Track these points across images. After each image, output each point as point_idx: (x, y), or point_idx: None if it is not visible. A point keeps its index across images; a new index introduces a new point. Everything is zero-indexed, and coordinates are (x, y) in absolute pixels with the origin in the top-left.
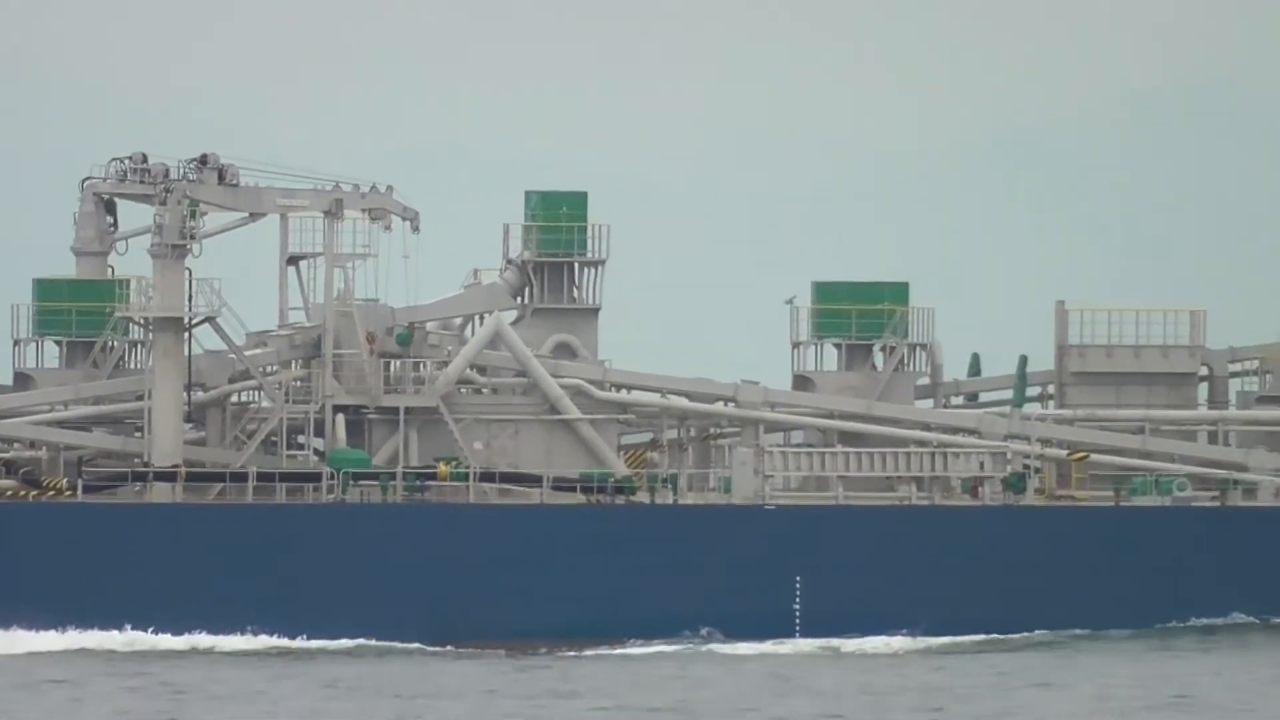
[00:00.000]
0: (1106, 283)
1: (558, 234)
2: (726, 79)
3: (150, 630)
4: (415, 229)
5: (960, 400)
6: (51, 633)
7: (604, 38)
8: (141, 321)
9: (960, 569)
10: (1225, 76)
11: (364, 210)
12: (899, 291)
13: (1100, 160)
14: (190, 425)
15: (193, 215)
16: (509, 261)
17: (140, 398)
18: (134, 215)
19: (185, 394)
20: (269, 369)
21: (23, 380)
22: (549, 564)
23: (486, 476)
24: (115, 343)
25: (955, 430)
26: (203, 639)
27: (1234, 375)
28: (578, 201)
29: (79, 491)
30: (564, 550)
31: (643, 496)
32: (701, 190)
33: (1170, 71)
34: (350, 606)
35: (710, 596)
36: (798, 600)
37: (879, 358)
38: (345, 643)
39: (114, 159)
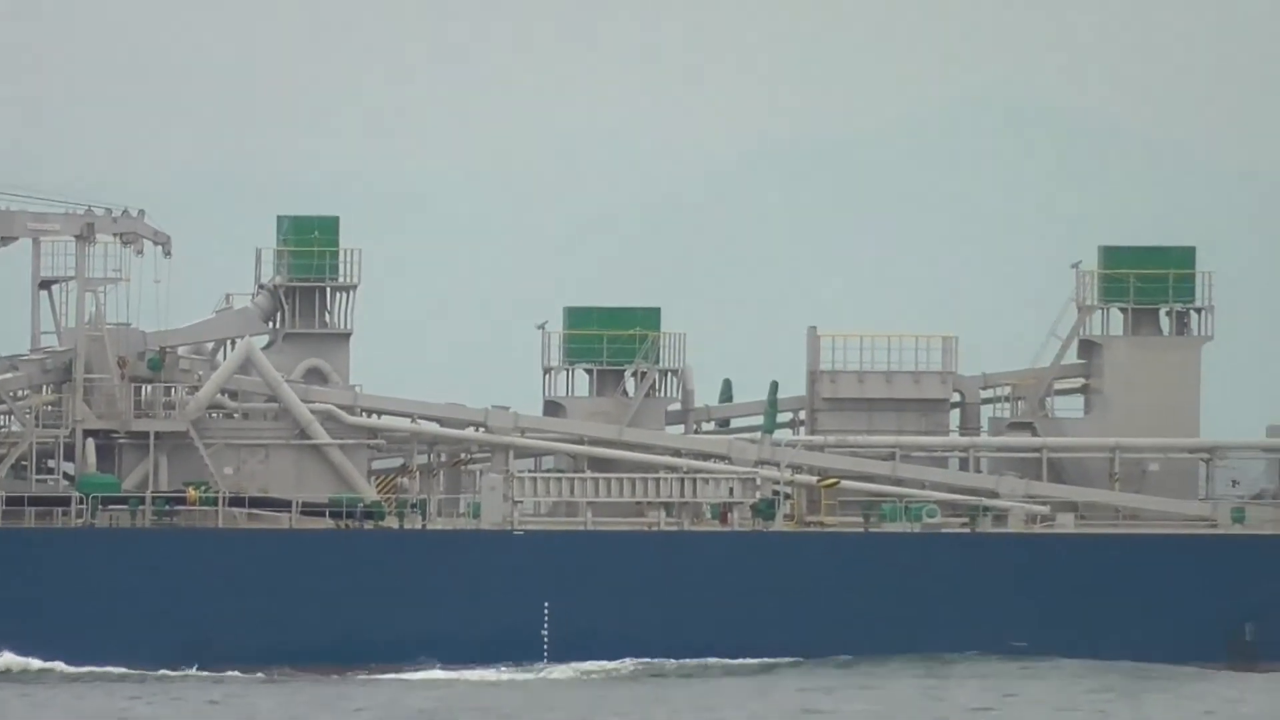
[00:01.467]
0: (858, 309)
1: (309, 259)
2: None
3: None
4: (167, 253)
5: (711, 426)
6: None
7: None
8: None
9: (709, 595)
10: (982, 100)
11: (115, 234)
12: (650, 317)
13: (855, 187)
14: None
15: None
16: (261, 286)
17: None
18: None
19: None
20: (19, 393)
21: None
22: (298, 589)
23: (236, 501)
24: None
25: (706, 456)
26: None
27: (986, 401)
28: (329, 226)
29: None
30: (313, 575)
31: (392, 522)
32: (454, 216)
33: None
34: (99, 631)
35: (459, 622)
36: (546, 625)
37: (630, 383)
38: (93, 669)
39: None
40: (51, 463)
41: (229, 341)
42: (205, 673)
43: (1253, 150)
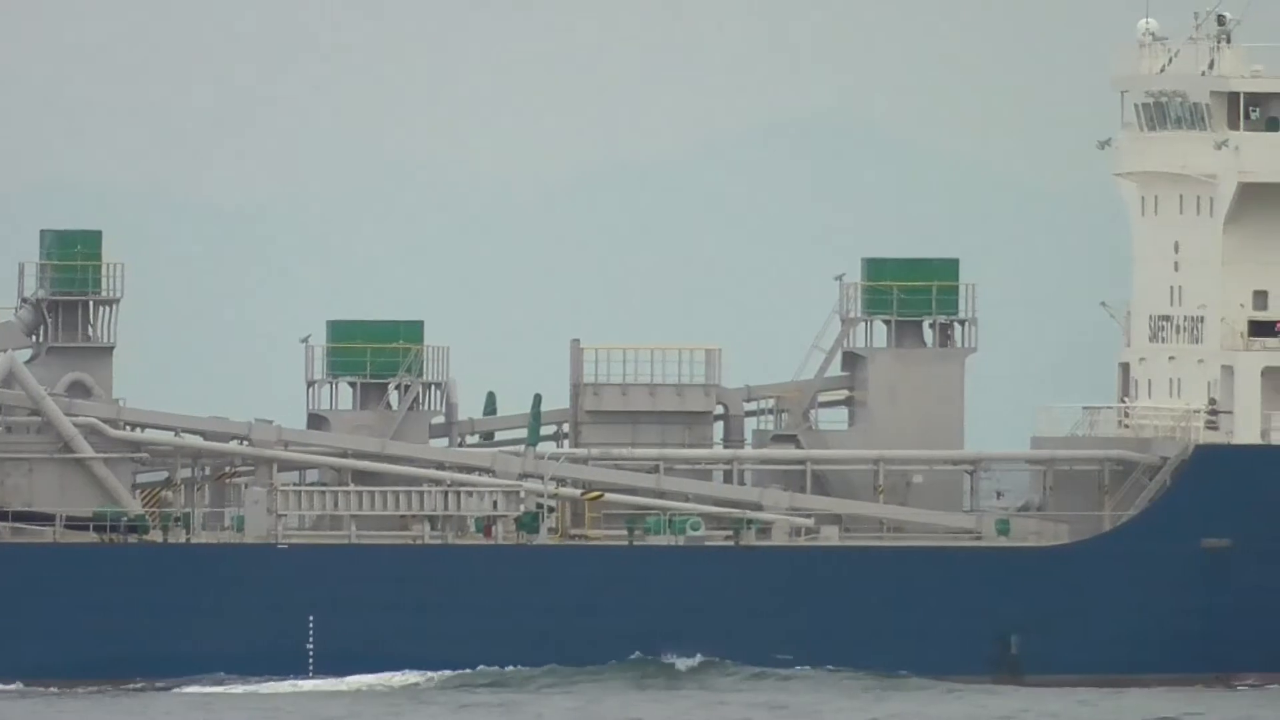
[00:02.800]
0: (622, 322)
1: (71, 273)
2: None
3: None
4: None
5: (475, 439)
6: None
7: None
8: None
9: (473, 608)
10: (745, 111)
11: None
12: (413, 330)
13: (618, 200)
14: None
15: None
16: (24, 300)
17: None
18: None
19: None
20: None
21: None
22: (62, 603)
23: None
24: None
25: (469, 469)
26: None
27: (750, 414)
28: (92, 240)
29: None
30: (77, 589)
31: (156, 535)
32: (217, 229)
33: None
34: None
35: (224, 636)
36: (311, 639)
37: (394, 396)
38: None
39: None
40: None
41: None
42: None
43: (1017, 160)
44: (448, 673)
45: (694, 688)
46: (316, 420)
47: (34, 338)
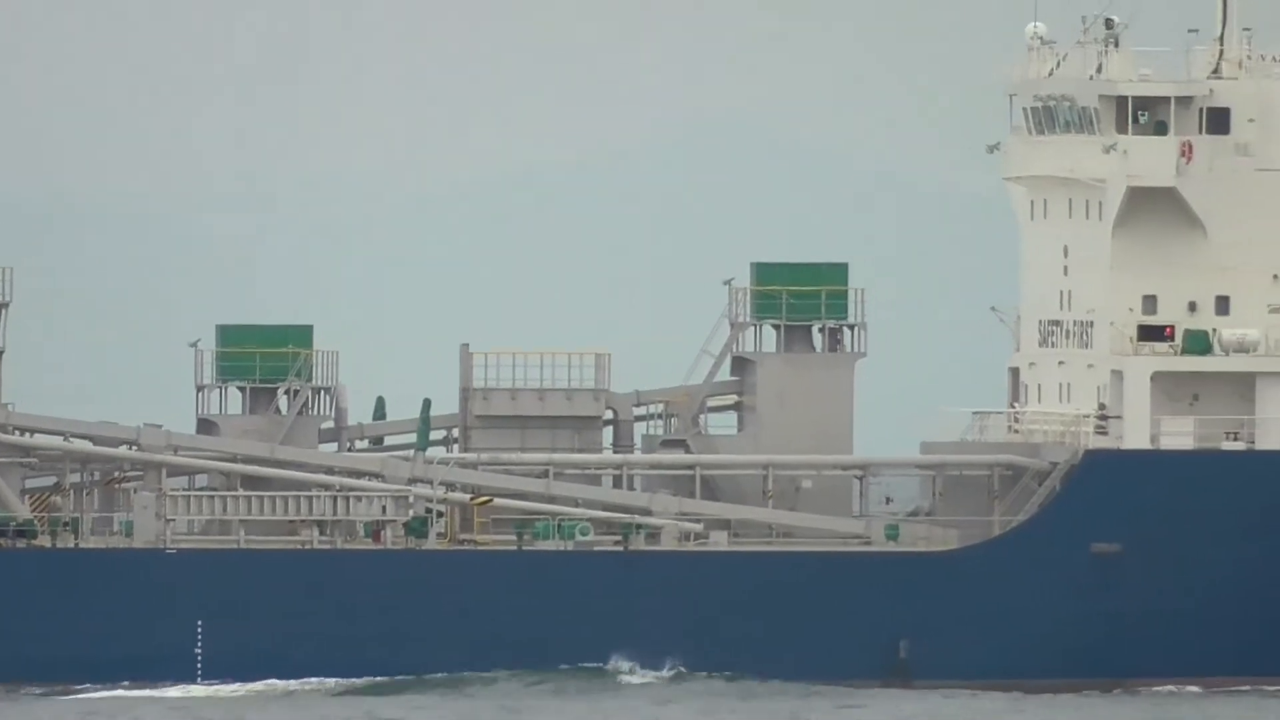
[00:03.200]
0: (512, 326)
1: None
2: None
3: None
4: None
5: (364, 444)
6: None
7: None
8: None
9: (361, 613)
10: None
11: None
12: (303, 335)
13: (507, 205)
14: None
15: None
16: None
17: None
18: None
19: None
20: None
21: None
22: None
23: None
24: None
25: (359, 474)
26: None
27: (639, 419)
28: None
29: None
30: None
31: (44, 540)
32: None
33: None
34: None
35: (112, 641)
36: (199, 644)
37: (283, 401)
38: None
39: None
40: None
41: None
42: None
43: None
44: (336, 679)
45: (576, 694)
46: (206, 425)
47: None
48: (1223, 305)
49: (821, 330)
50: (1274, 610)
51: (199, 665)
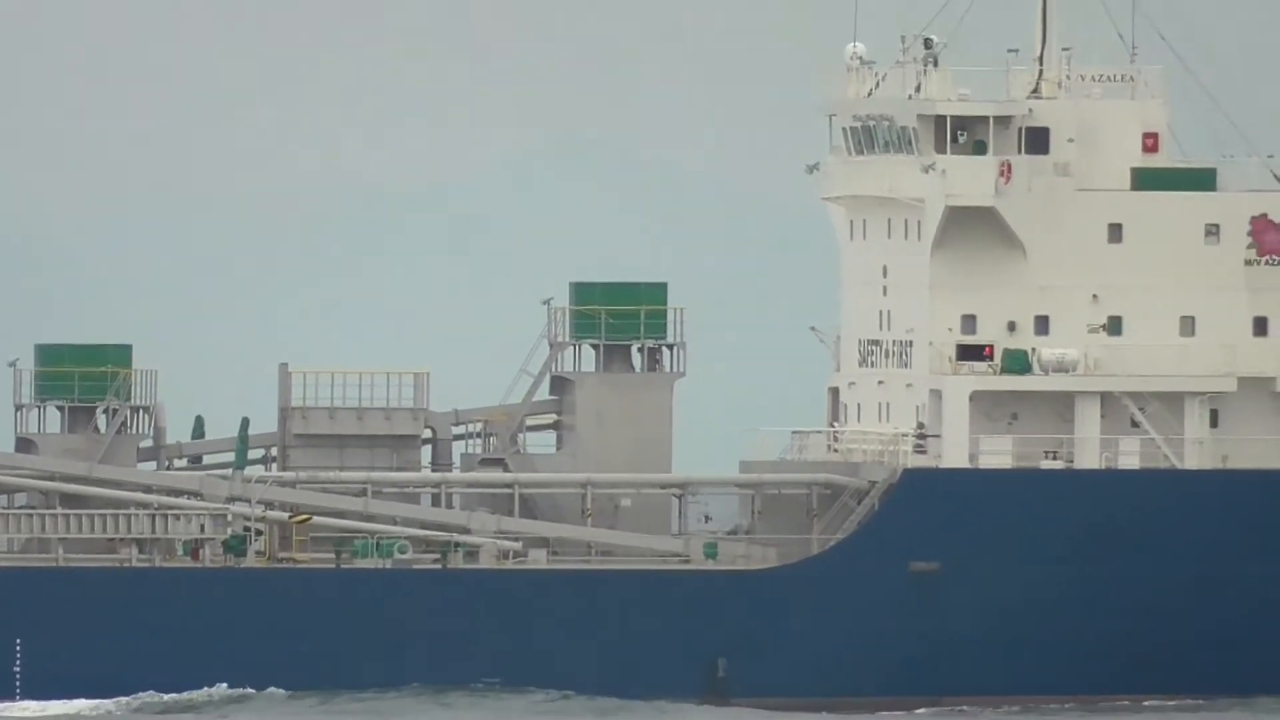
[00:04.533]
0: (330, 345)
1: None
2: None
3: None
4: None
5: (184, 463)
6: None
7: None
8: None
9: (181, 631)
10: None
11: None
12: (122, 354)
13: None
14: None
15: None
16: None
17: None
18: None
19: None
20: None
21: None
22: None
23: None
24: None
25: (177, 492)
26: None
27: (458, 438)
28: None
29: None
30: None
31: None
32: None
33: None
34: None
35: None
36: (18, 663)
37: (102, 420)
38: None
39: None
40: None
41: None
42: None
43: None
44: (155, 696)
45: (391, 713)
46: (24, 444)
47: None
48: (1042, 325)
49: (640, 350)
50: (1090, 628)
51: (18, 684)
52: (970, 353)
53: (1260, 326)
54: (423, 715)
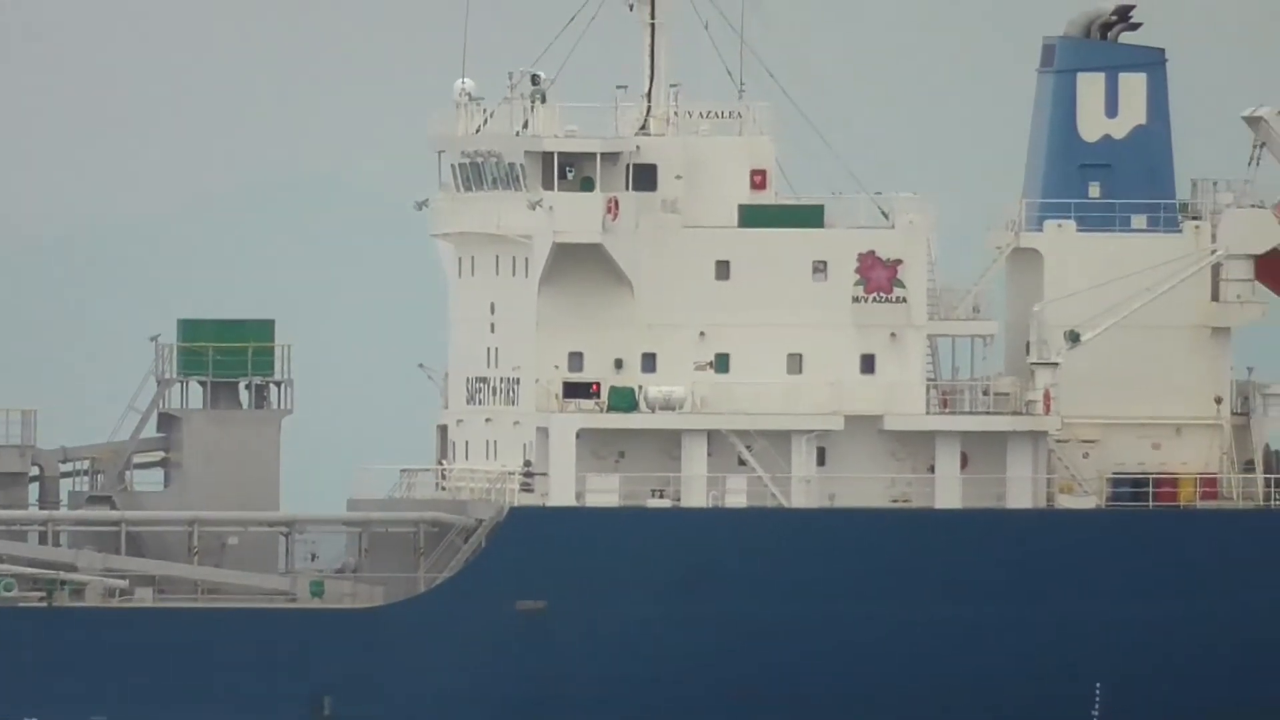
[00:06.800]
0: None
1: None
2: None
3: None
4: None
5: None
6: None
7: None
8: None
9: None
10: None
11: None
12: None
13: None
14: None
15: None
16: None
17: None
18: None
19: None
20: None
21: None
22: None
23: None
24: None
25: None
26: None
27: (65, 475)
28: None
29: None
30: None
31: None
32: None
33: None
34: None
35: None
36: None
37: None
38: None
39: None
40: None
41: None
42: None
43: (333, 222)
44: None
45: None
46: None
47: None
48: (649, 362)
49: (248, 387)
50: (697, 667)
51: None
52: (577, 390)
53: (868, 364)
54: None
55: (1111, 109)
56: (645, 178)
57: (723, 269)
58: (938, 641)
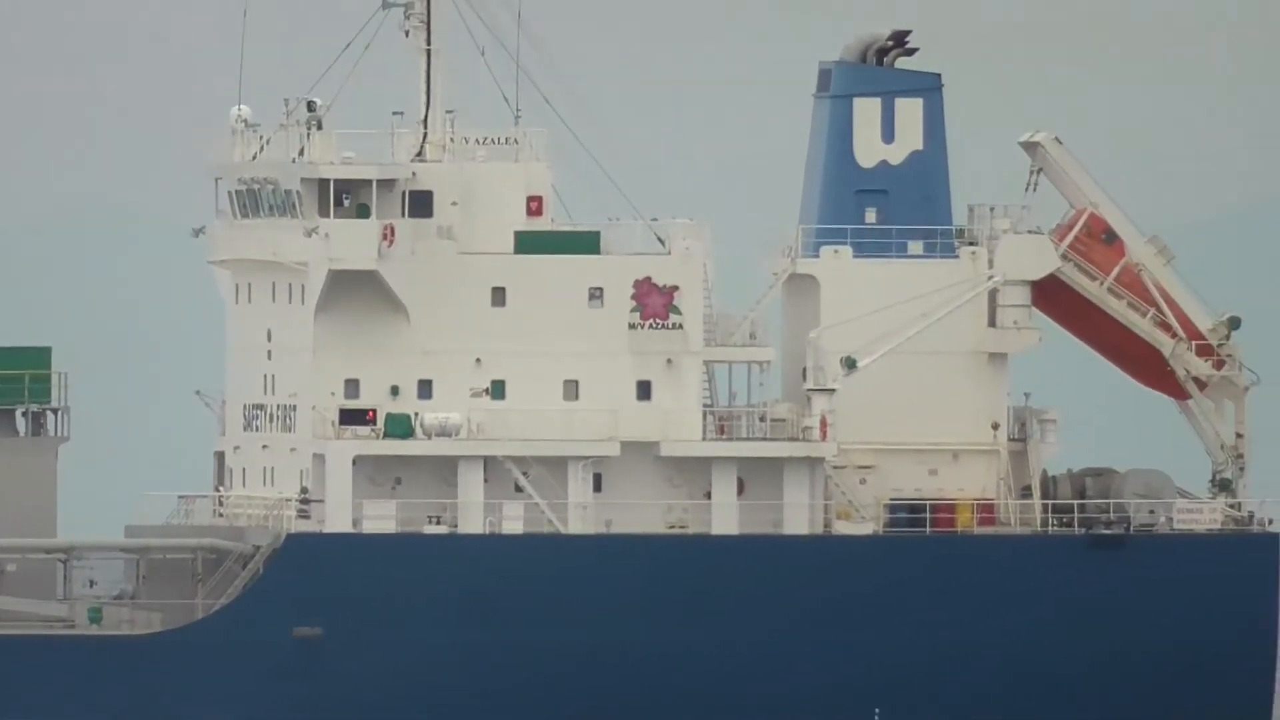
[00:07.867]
0: None
1: None
2: None
3: None
4: None
5: None
6: None
7: None
8: None
9: None
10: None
11: None
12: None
13: None
14: None
15: None
16: None
17: None
18: None
19: None
20: None
21: None
22: None
23: None
24: None
25: None
26: None
27: None
28: None
29: None
30: None
31: None
32: None
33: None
34: None
35: None
36: None
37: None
38: None
39: None
40: None
41: None
42: None
43: (100, 251)
44: None
45: None
46: None
47: None
48: (425, 389)
49: (25, 414)
50: (475, 694)
51: None
52: (353, 417)
53: (644, 390)
54: None
55: (888, 134)
56: (421, 204)
57: (499, 295)
58: (716, 667)
